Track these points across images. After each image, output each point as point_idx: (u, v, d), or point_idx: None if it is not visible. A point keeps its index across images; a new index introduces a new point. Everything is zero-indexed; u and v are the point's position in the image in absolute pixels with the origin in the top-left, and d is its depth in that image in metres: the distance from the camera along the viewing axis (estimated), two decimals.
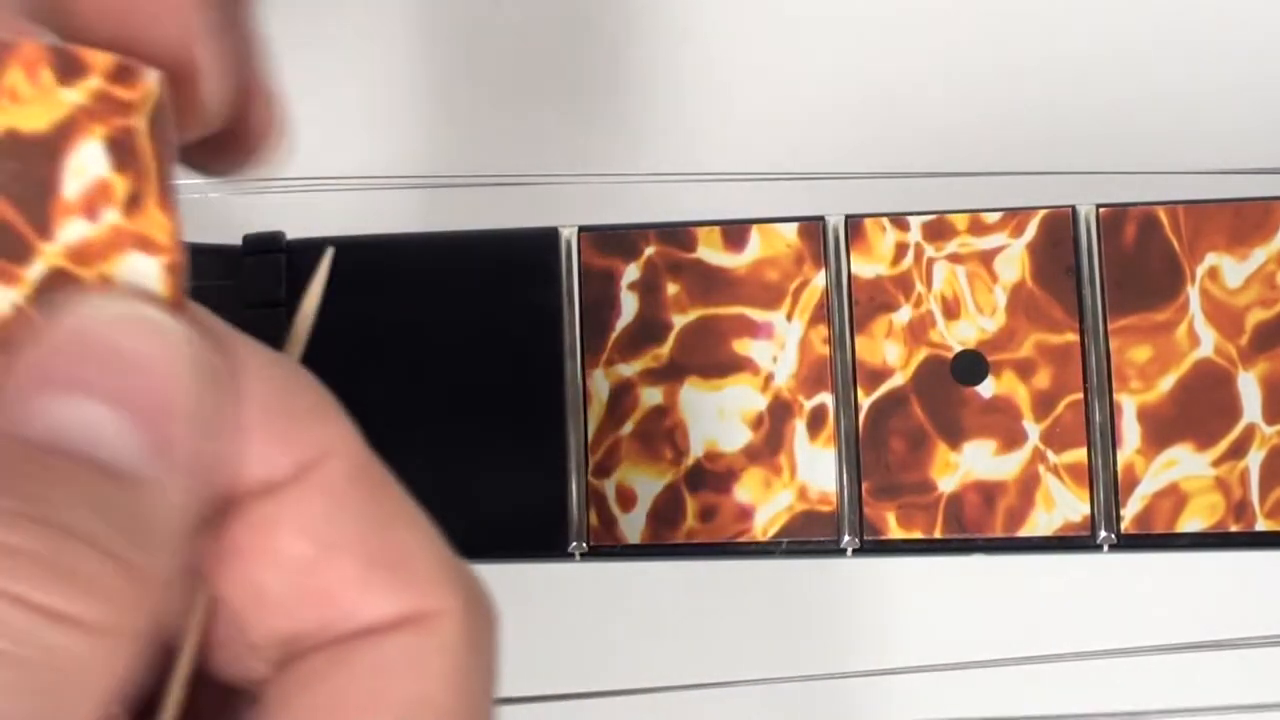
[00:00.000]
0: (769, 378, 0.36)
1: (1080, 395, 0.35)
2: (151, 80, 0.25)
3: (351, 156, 0.46)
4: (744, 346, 0.36)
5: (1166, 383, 0.35)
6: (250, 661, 0.24)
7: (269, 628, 0.24)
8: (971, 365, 0.35)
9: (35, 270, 0.25)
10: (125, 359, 0.23)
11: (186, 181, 0.26)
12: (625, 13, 0.47)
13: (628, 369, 0.36)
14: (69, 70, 0.25)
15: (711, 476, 0.36)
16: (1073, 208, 0.36)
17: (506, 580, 0.44)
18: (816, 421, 0.35)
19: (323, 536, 0.23)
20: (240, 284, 0.37)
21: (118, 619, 0.21)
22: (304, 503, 0.24)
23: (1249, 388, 0.35)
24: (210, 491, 0.23)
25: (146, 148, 0.25)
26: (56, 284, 0.25)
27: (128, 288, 0.24)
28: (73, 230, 0.25)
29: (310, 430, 0.24)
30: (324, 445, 0.24)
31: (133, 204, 0.25)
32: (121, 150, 0.25)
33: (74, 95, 0.25)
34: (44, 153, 0.25)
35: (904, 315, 0.36)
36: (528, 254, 0.36)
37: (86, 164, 0.25)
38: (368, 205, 0.43)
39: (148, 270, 0.25)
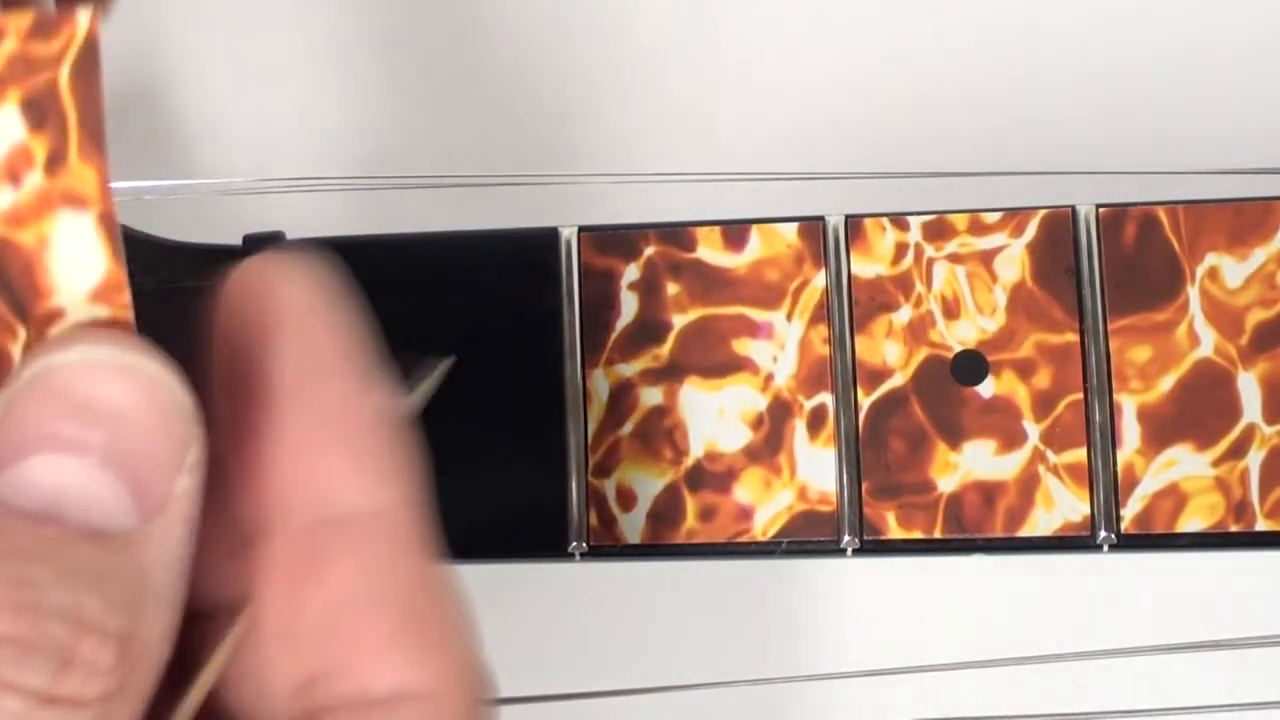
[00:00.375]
0: (769, 378, 0.36)
1: (1080, 395, 0.35)
2: (80, 22, 0.24)
3: (352, 156, 0.46)
4: (744, 346, 0.36)
5: (1166, 383, 0.35)
6: (260, 707, 0.24)
7: (291, 664, 0.23)
8: (971, 365, 0.35)
9: None
10: (97, 408, 0.22)
11: (188, 182, 0.26)
12: (626, 13, 0.47)
13: (628, 369, 0.36)
14: None
15: (711, 476, 0.36)
16: (1073, 208, 0.36)
17: (506, 580, 0.45)
18: (816, 421, 0.35)
19: (370, 586, 0.23)
20: None
21: (118, 686, 0.21)
22: (362, 547, 0.23)
23: (1249, 388, 0.35)
24: (193, 531, 0.22)
25: (66, 99, 0.24)
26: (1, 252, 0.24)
27: (91, 321, 0.24)
28: (1, 198, 0.24)
29: (390, 475, 0.24)
30: (395, 496, 0.23)
31: (54, 162, 0.24)
32: (38, 109, 0.24)
33: None
34: None
35: (904, 315, 0.36)
36: (528, 254, 0.36)
37: (3, 131, 0.24)
38: (368, 205, 0.43)
39: (81, 226, 0.24)
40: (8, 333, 0.24)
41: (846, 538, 0.35)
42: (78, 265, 0.24)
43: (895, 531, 0.35)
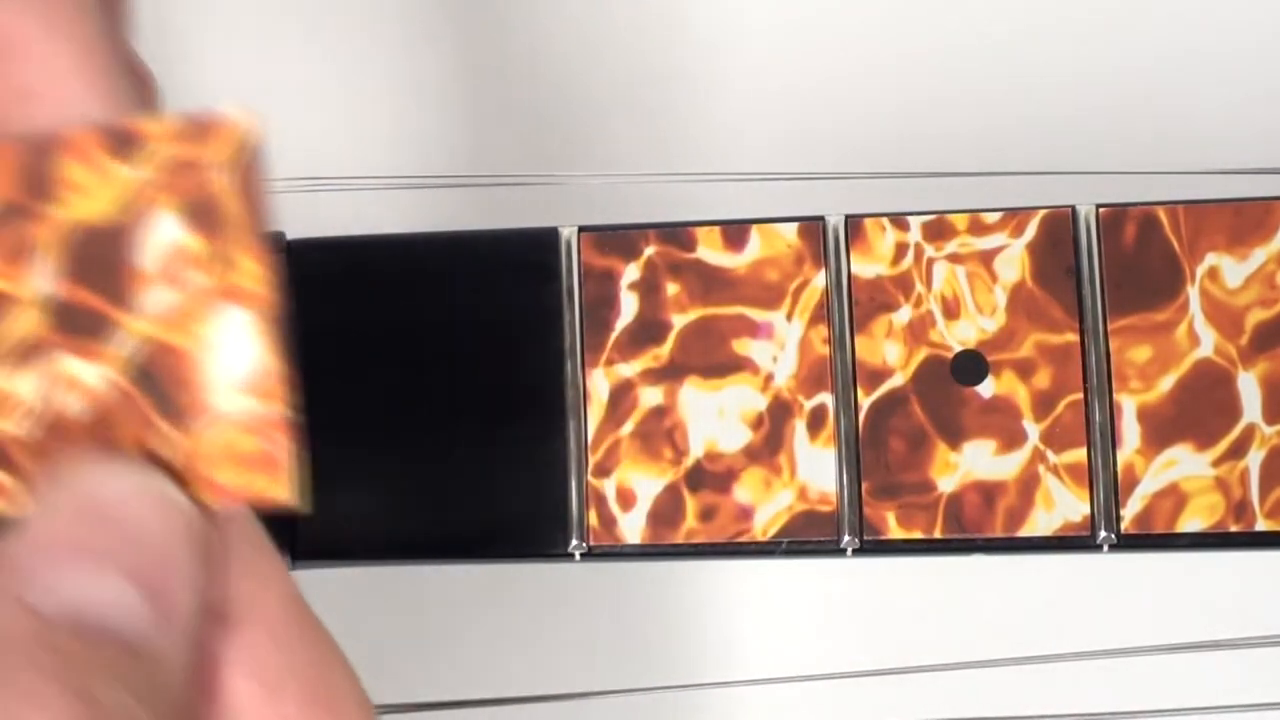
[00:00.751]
0: (769, 378, 0.36)
1: (1080, 395, 0.35)
2: (238, 126, 0.24)
3: (351, 156, 0.46)
4: (744, 346, 0.36)
5: (1166, 383, 0.35)
6: None
7: None
8: (971, 365, 0.35)
9: (123, 344, 0.24)
10: (138, 532, 0.23)
11: None
12: (626, 13, 0.47)
13: (628, 369, 0.36)
14: (126, 147, 0.24)
15: (711, 476, 0.36)
16: (1073, 208, 0.36)
17: (506, 580, 0.45)
18: (816, 421, 0.35)
19: (270, 678, 0.24)
20: None
21: None
22: (252, 644, 0.24)
23: (1249, 388, 0.35)
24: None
25: (228, 201, 0.24)
26: (152, 353, 0.24)
27: (245, 414, 0.24)
28: (157, 299, 0.24)
29: (254, 565, 0.25)
30: (264, 581, 0.25)
31: (216, 262, 0.24)
32: (198, 213, 0.24)
33: (137, 171, 0.24)
34: (114, 236, 0.24)
35: (904, 315, 0.36)
36: (528, 254, 0.36)
37: (161, 236, 0.24)
38: (368, 205, 0.43)
39: (240, 322, 0.24)
40: (158, 436, 0.24)
41: (846, 538, 0.35)
42: (234, 362, 0.24)
43: (895, 531, 0.35)
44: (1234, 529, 0.35)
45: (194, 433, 0.24)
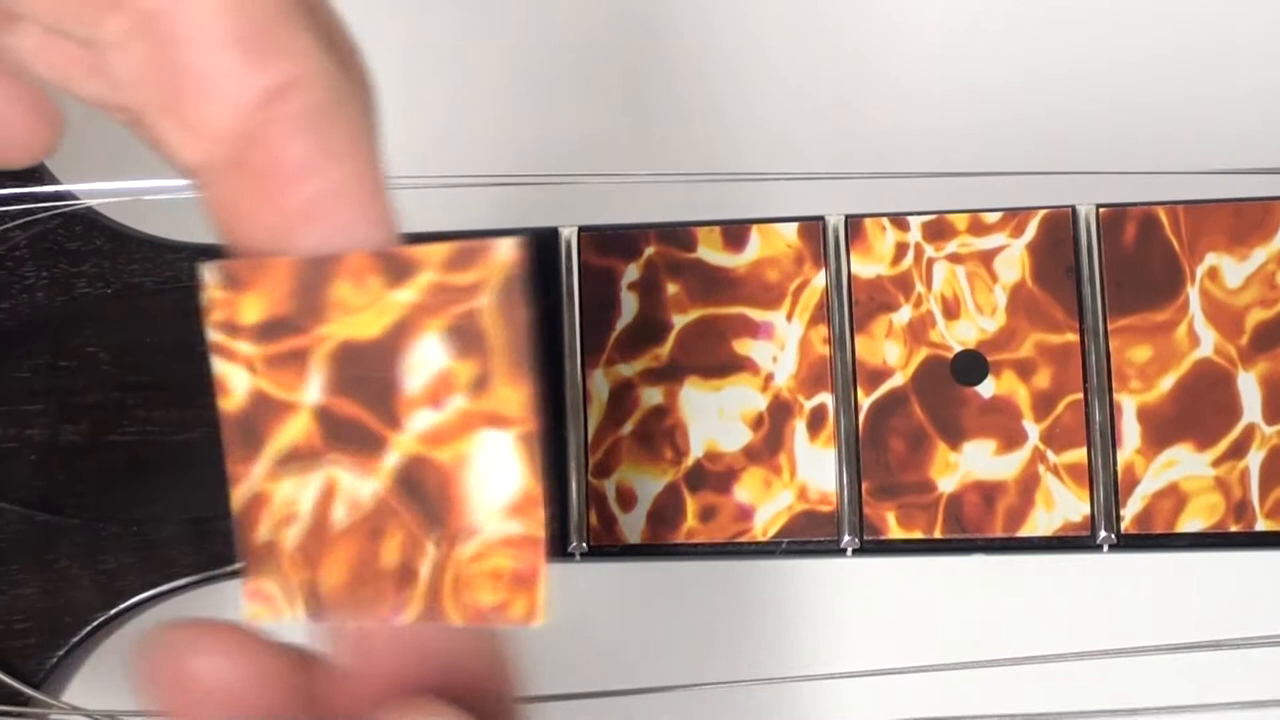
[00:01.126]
0: (769, 378, 0.36)
1: (1080, 395, 0.35)
2: (503, 252, 0.25)
3: None
4: (744, 346, 0.36)
5: (1166, 383, 0.35)
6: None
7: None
8: (971, 365, 0.35)
9: (391, 460, 0.25)
10: None
11: (188, 182, 0.26)
12: (625, 14, 0.47)
13: (628, 369, 0.36)
14: (398, 272, 0.25)
15: (711, 476, 0.36)
16: (1073, 208, 0.36)
17: None
18: (816, 421, 0.35)
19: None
20: None
21: None
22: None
23: (1249, 388, 0.35)
24: None
25: (491, 325, 0.25)
26: (413, 469, 0.25)
27: (503, 538, 0.25)
28: (421, 420, 0.25)
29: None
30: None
31: (478, 385, 0.25)
32: (461, 337, 0.25)
33: (405, 295, 0.25)
34: (381, 356, 0.25)
35: (904, 315, 0.36)
36: (527, 254, 0.36)
37: (425, 358, 0.25)
38: None
39: (501, 444, 0.25)
40: (419, 551, 0.25)
41: (846, 538, 0.35)
42: (495, 482, 0.25)
43: (895, 531, 0.35)
44: (1234, 529, 0.35)
45: (458, 552, 0.25)
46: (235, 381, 0.25)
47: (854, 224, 0.36)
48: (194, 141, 0.25)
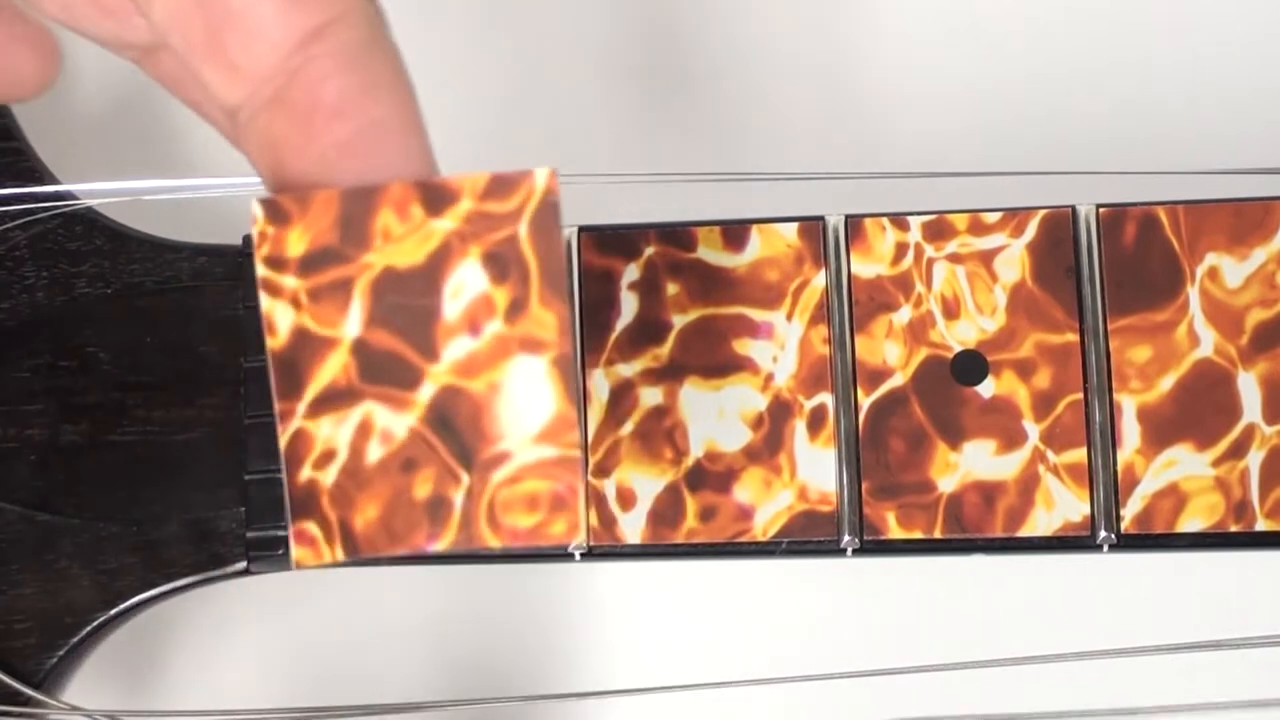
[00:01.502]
0: (769, 378, 0.36)
1: (1080, 395, 0.35)
2: (538, 180, 0.26)
3: None
4: (744, 346, 0.36)
5: (1166, 383, 0.35)
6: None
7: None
8: (971, 365, 0.35)
9: (425, 392, 0.26)
10: None
11: (188, 182, 0.26)
12: (625, 13, 0.47)
13: (628, 369, 0.36)
14: (438, 202, 0.26)
15: (711, 476, 0.36)
16: (1073, 208, 0.36)
17: (506, 580, 0.45)
18: (816, 421, 0.35)
19: None
20: (240, 283, 0.37)
21: None
22: None
23: (1249, 388, 0.35)
24: None
25: (527, 252, 0.26)
26: (446, 400, 0.26)
27: (537, 461, 0.26)
28: (458, 347, 0.26)
29: None
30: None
31: (515, 310, 0.26)
32: (499, 263, 0.26)
33: (446, 223, 0.26)
34: (422, 283, 0.26)
35: (904, 315, 0.36)
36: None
37: (465, 284, 0.26)
38: None
39: (535, 369, 0.26)
40: (451, 480, 0.26)
41: (846, 538, 0.35)
42: (528, 407, 0.26)
43: (895, 531, 0.35)
44: (1234, 529, 0.35)
45: (492, 478, 0.26)
46: (280, 319, 0.26)
47: (854, 224, 0.36)
48: (236, 81, 0.26)
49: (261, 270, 0.26)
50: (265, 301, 0.26)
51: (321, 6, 0.25)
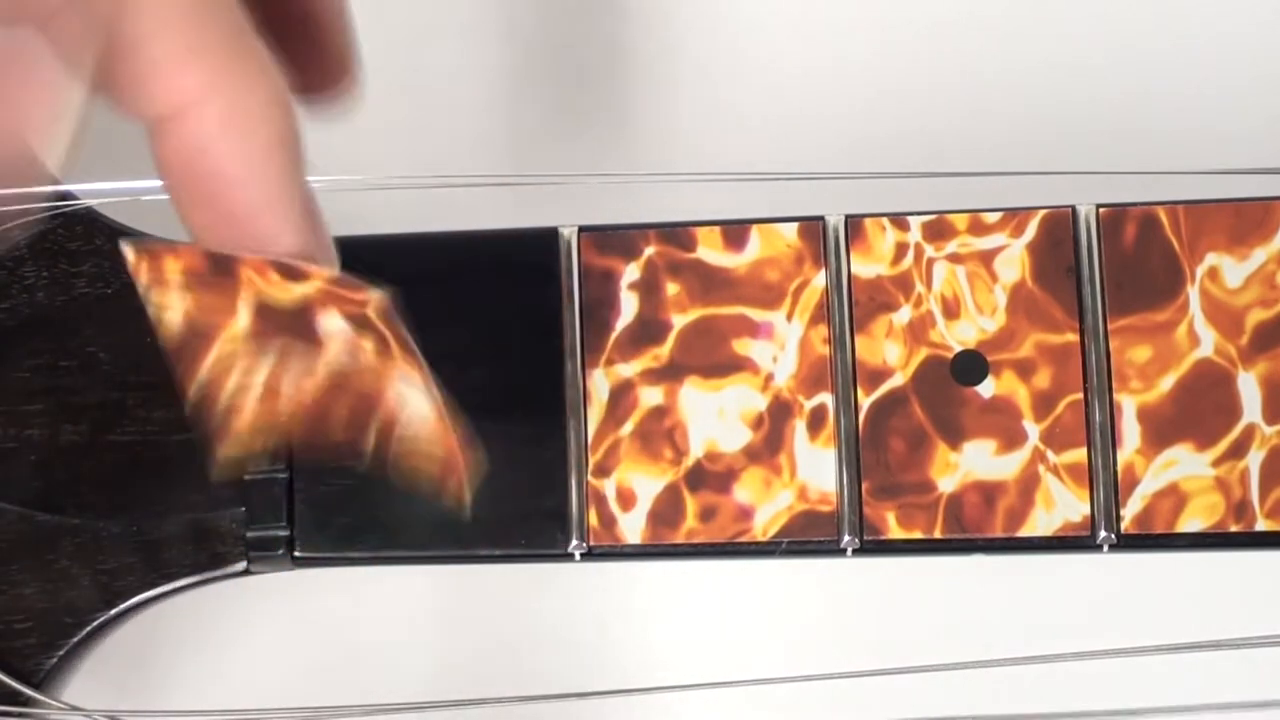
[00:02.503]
0: (769, 378, 0.36)
1: (1080, 395, 0.35)
2: (374, 297, 0.29)
3: (349, 156, 0.46)
4: (744, 346, 0.36)
5: (1166, 383, 0.35)
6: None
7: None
8: (971, 365, 0.35)
9: (332, 351, 0.30)
10: None
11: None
12: (625, 11, 0.47)
13: (628, 369, 0.36)
14: (292, 276, 0.28)
15: (711, 476, 0.36)
16: (1073, 208, 0.36)
17: (507, 580, 0.45)
18: (816, 421, 0.35)
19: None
20: None
21: None
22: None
23: (1249, 388, 0.35)
24: None
25: (380, 326, 0.29)
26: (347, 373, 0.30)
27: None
28: (336, 364, 0.30)
29: None
30: None
31: (381, 353, 0.29)
32: (358, 321, 0.29)
33: (303, 289, 0.29)
34: (295, 318, 0.29)
35: (904, 315, 0.36)
36: (528, 254, 0.36)
37: (333, 326, 0.29)
38: (367, 205, 0.43)
39: (414, 386, 0.30)
40: (368, 420, 0.30)
41: (846, 538, 0.35)
42: (413, 411, 0.30)
43: (895, 531, 0.35)
44: (1234, 529, 0.35)
45: (395, 436, 0.30)
46: (171, 317, 0.28)
47: (854, 224, 0.36)
48: (132, 110, 0.28)
49: (144, 290, 0.28)
50: (155, 313, 0.29)
51: (213, 70, 0.27)
